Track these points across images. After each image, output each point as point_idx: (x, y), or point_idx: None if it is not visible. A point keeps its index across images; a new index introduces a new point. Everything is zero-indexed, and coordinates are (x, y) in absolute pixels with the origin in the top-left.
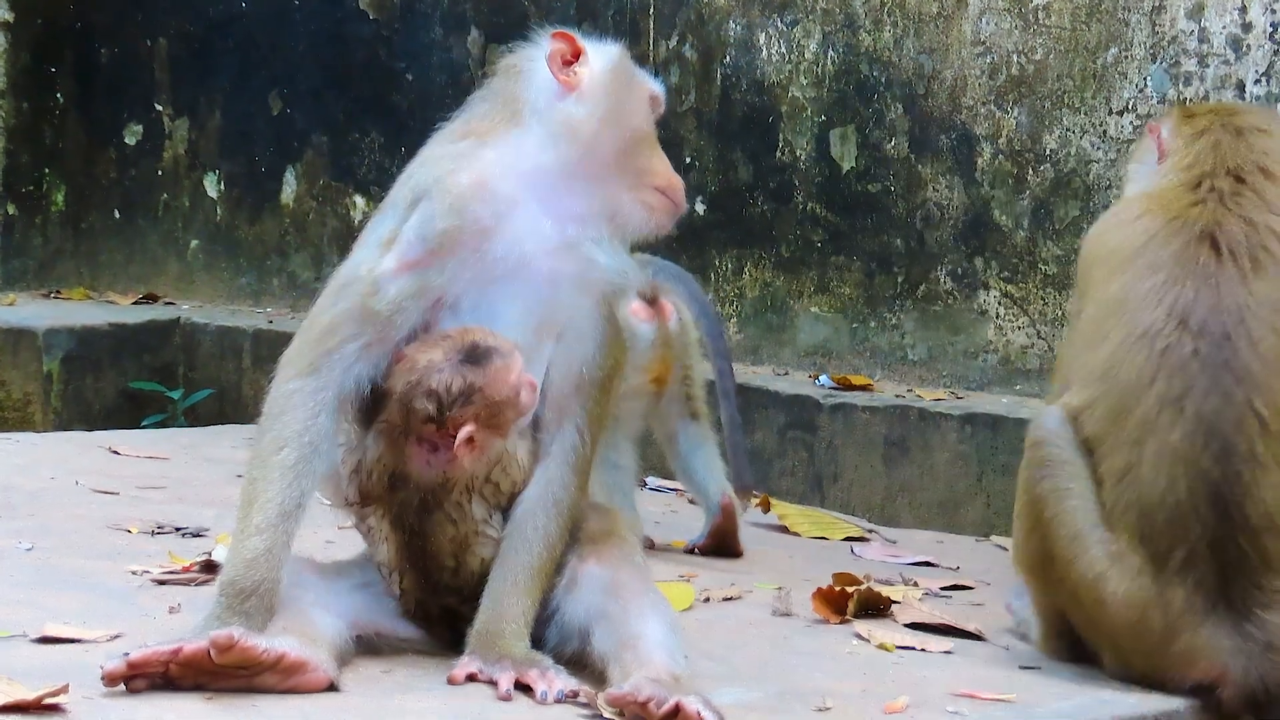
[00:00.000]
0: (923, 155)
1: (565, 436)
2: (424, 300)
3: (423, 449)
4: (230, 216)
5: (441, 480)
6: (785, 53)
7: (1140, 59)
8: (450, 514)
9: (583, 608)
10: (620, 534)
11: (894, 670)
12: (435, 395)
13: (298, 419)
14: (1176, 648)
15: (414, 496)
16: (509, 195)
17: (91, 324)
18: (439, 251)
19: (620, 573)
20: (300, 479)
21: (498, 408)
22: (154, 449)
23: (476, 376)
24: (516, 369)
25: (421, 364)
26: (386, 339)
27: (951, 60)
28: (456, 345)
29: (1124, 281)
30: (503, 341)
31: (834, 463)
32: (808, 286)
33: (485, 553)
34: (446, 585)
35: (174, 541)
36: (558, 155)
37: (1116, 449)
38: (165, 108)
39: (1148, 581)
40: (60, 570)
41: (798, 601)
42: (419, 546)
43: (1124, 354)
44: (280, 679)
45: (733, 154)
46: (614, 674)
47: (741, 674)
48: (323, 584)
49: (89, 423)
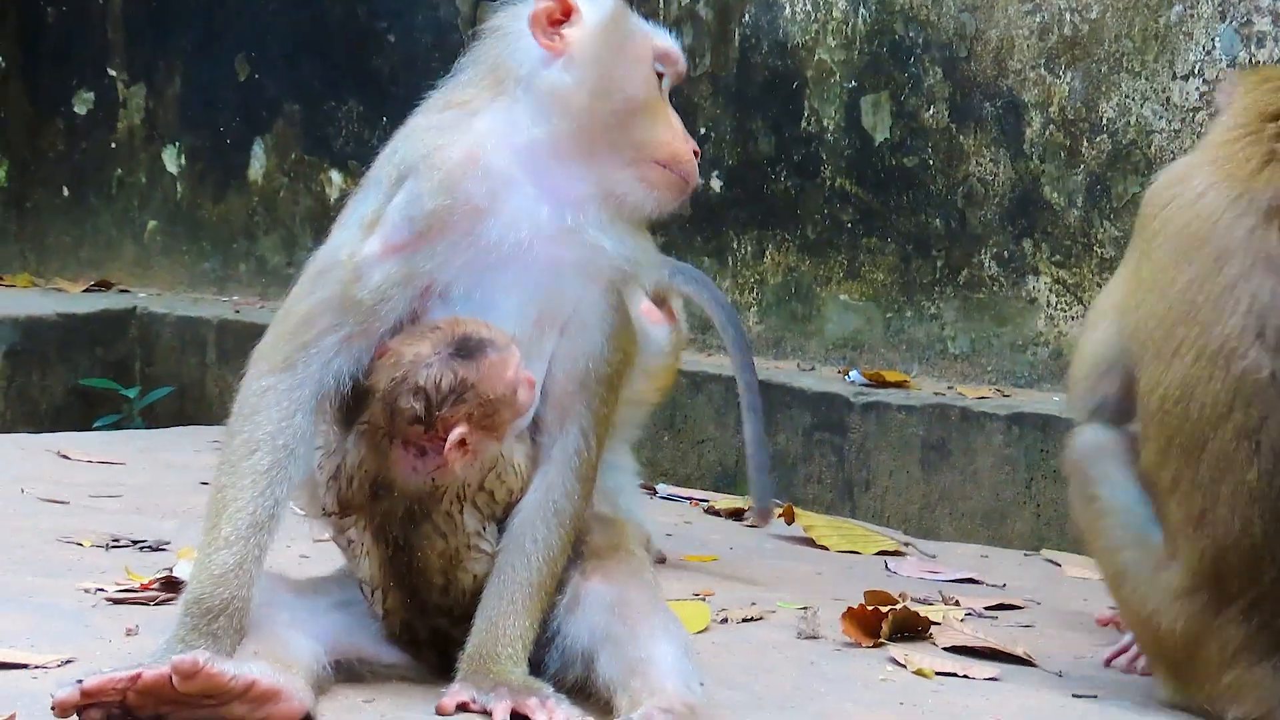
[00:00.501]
0: (964, 125)
1: (568, 439)
2: (411, 288)
3: (409, 453)
4: (192, 194)
5: (430, 488)
6: (811, 11)
7: (1208, 17)
8: (439, 525)
9: (586, 629)
10: (627, 547)
11: (933, 699)
12: (423, 393)
13: (271, 420)
14: (1227, 680)
15: (399, 506)
16: (503, 172)
17: (38, 314)
18: (428, 234)
19: (627, 590)
20: (274, 486)
21: (492, 407)
22: (108, 453)
23: (469, 372)
24: (513, 364)
25: (408, 358)
26: (370, 330)
27: (997, 19)
28: (446, 338)
29: (1191, 275)
30: (498, 334)
31: (866, 468)
32: (836, 272)
33: (478, 569)
34: (435, 605)
35: (131, 556)
36: (549, 129)
37: (1191, 493)
38: (119, 73)
39: (1209, 616)
40: (4, 588)
41: (825, 622)
42: (404, 562)
43: (1197, 377)
44: (250, 709)
45: (752, 124)
46: (621, 703)
47: (764, 703)
48: (299, 603)
49: (35, 424)
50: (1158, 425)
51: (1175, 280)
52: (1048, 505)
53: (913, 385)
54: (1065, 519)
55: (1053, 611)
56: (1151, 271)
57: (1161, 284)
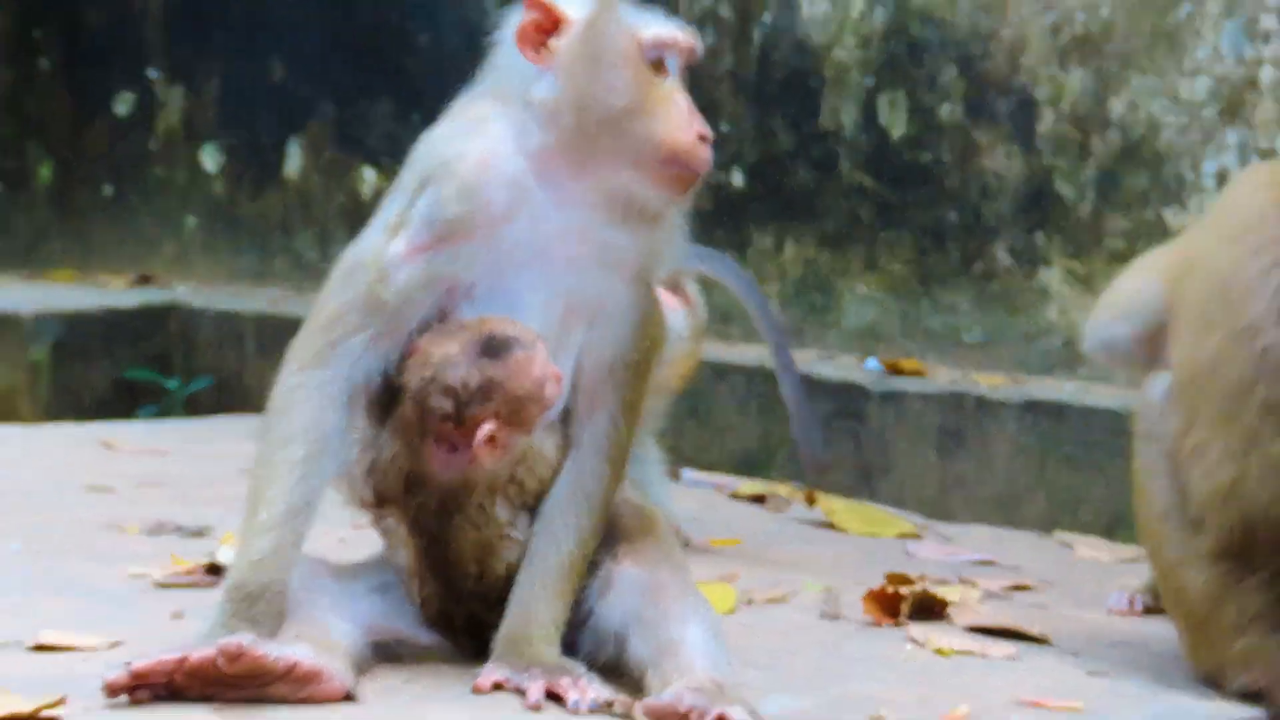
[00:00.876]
0: (979, 121)
1: (598, 426)
2: (435, 289)
3: (441, 448)
4: (230, 192)
5: (461, 481)
6: (829, 11)
7: (1215, 16)
8: (472, 517)
9: (618, 611)
10: (659, 532)
11: (952, 677)
12: (452, 392)
13: (304, 413)
14: (1240, 645)
15: (432, 499)
16: (517, 178)
17: (81, 308)
18: (449, 238)
19: (659, 573)
20: (309, 476)
21: (520, 403)
22: (151, 442)
23: (496, 370)
24: (540, 360)
25: (436, 358)
26: (396, 330)
27: (1010, 18)
28: (474, 337)
29: (1232, 259)
30: (524, 331)
31: (884, 454)
32: (854, 264)
33: (510, 557)
34: (470, 592)
35: (175, 542)
36: (547, 140)
37: (1223, 462)
38: (159, 74)
39: (1232, 582)
40: (54, 574)
41: (847, 603)
42: (439, 552)
43: (1225, 352)
44: (293, 689)
45: (772, 121)
46: (652, 682)
47: (789, 682)
48: (338, 587)
49: (80, 414)
50: (1188, 396)
51: (1218, 261)
52: (1060, 489)
53: (929, 374)
54: (1077, 503)
55: (1066, 592)
56: (1200, 250)
57: (1206, 263)
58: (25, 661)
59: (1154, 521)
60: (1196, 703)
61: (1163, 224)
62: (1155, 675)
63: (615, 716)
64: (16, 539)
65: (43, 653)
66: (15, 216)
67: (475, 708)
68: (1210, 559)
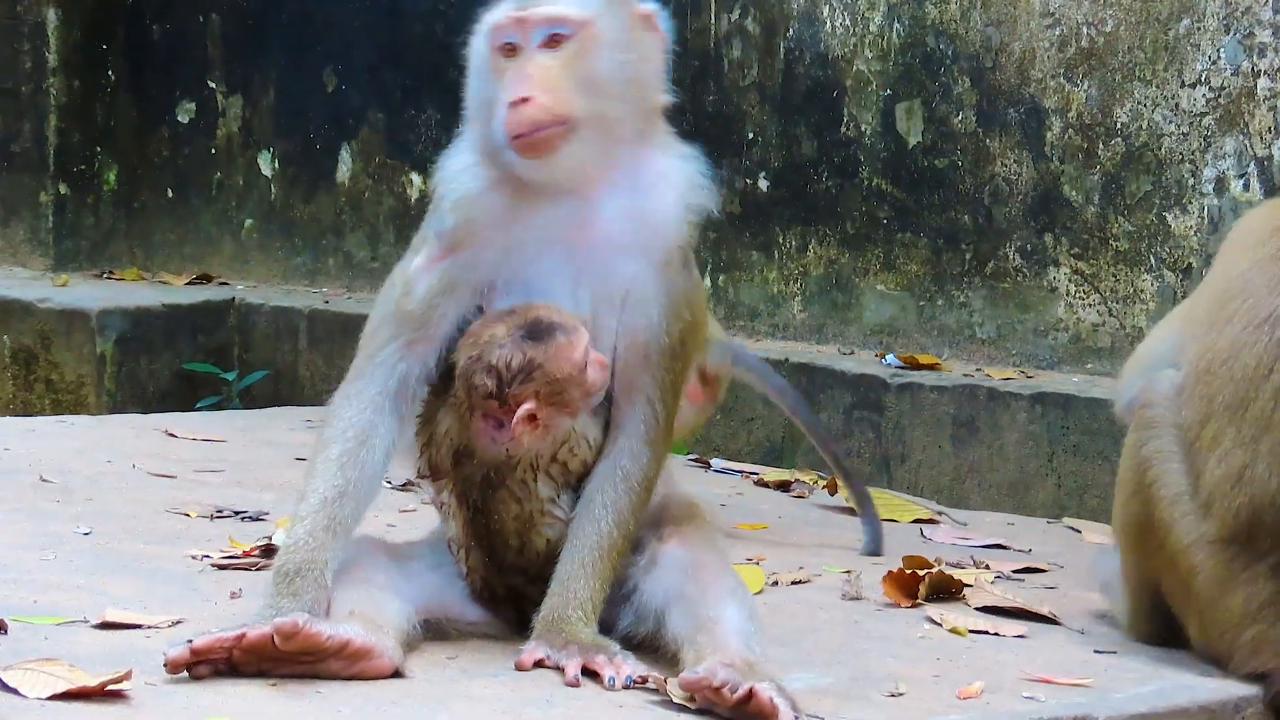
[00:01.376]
0: (990, 129)
1: (636, 409)
2: (456, 295)
3: (488, 425)
4: (285, 195)
5: (505, 457)
6: (850, 25)
7: (1213, 30)
8: (514, 491)
9: (661, 589)
10: (702, 518)
11: (967, 655)
12: (495, 371)
13: (344, 418)
14: (1248, 635)
15: (478, 472)
16: (496, 184)
17: (145, 305)
18: (458, 246)
19: (701, 555)
20: (344, 469)
21: (560, 385)
22: (210, 431)
23: (537, 353)
24: (581, 345)
25: (484, 339)
26: (427, 336)
27: (1020, 32)
28: (519, 321)
29: (1252, 262)
30: (568, 317)
31: (901, 443)
32: (873, 264)
33: (551, 533)
34: (511, 564)
35: (233, 525)
36: (491, 146)
37: (1232, 450)
38: (218, 85)
39: (1239, 568)
40: (119, 555)
41: (867, 585)
42: (483, 523)
43: (1244, 341)
44: (345, 665)
45: (796, 129)
46: (688, 657)
47: (812, 659)
48: (394, 566)
49: (143, 405)
50: (1204, 385)
51: (1237, 266)
52: (1068, 477)
53: (944, 367)
54: (1084, 489)
55: (1074, 575)
56: (1216, 271)
57: (1224, 272)
58: (91, 638)
59: (1163, 506)
60: (1199, 680)
61: (1165, 226)
62: (1159, 654)
63: (649, 691)
64: (84, 522)
65: (108, 630)
66: (84, 218)
67: (516, 684)
68: (1219, 544)
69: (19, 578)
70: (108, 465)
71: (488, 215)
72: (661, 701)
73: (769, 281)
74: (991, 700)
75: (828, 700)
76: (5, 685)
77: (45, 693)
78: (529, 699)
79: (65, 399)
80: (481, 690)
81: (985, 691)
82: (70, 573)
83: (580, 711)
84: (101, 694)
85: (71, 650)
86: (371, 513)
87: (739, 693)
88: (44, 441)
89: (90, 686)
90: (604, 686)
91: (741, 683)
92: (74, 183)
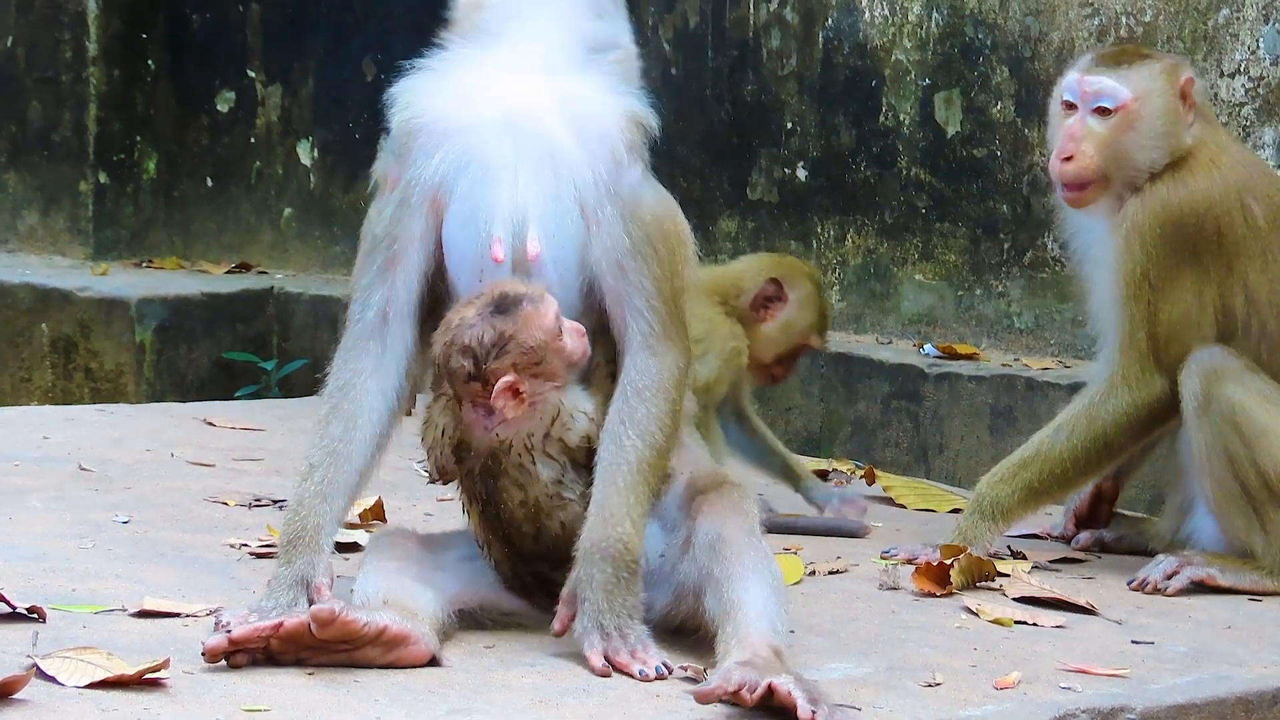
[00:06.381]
0: (1029, 119)
1: (631, 320)
2: (413, 206)
3: (478, 412)
4: (324, 184)
5: (498, 442)
6: (888, 15)
7: (1252, 20)
8: (515, 478)
9: (695, 568)
10: (730, 481)
11: (1004, 645)
12: (469, 350)
13: (334, 372)
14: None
15: (478, 464)
16: (460, 78)
17: (184, 294)
18: (405, 153)
19: (726, 527)
20: (330, 425)
21: (535, 354)
22: (249, 420)
23: (506, 325)
24: (550, 312)
25: (455, 323)
26: (397, 257)
27: (1059, 22)
28: (487, 300)
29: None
30: (533, 289)
31: (939, 433)
32: (911, 253)
33: (564, 516)
34: (531, 552)
35: (271, 514)
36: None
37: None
38: (258, 74)
39: None
40: (158, 544)
41: (905, 575)
42: (494, 515)
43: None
44: (382, 652)
45: (835, 119)
46: (718, 645)
47: (850, 648)
48: (428, 558)
49: (182, 394)
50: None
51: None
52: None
53: (982, 357)
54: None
55: (1111, 565)
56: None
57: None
58: (129, 627)
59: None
60: (1235, 670)
61: None
62: (1196, 644)
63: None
64: (123, 511)
65: (146, 618)
66: (123, 207)
67: (554, 673)
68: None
69: (58, 566)
70: (146, 454)
71: (434, 111)
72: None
73: None
74: (1028, 690)
75: (865, 690)
76: (44, 673)
77: (83, 681)
78: (566, 689)
79: (104, 388)
80: (518, 680)
81: (1022, 682)
82: (109, 561)
83: (617, 701)
84: (139, 683)
85: (110, 639)
86: (409, 501)
87: (758, 692)
88: (83, 430)
89: (128, 675)
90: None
91: (759, 681)
92: (114, 172)
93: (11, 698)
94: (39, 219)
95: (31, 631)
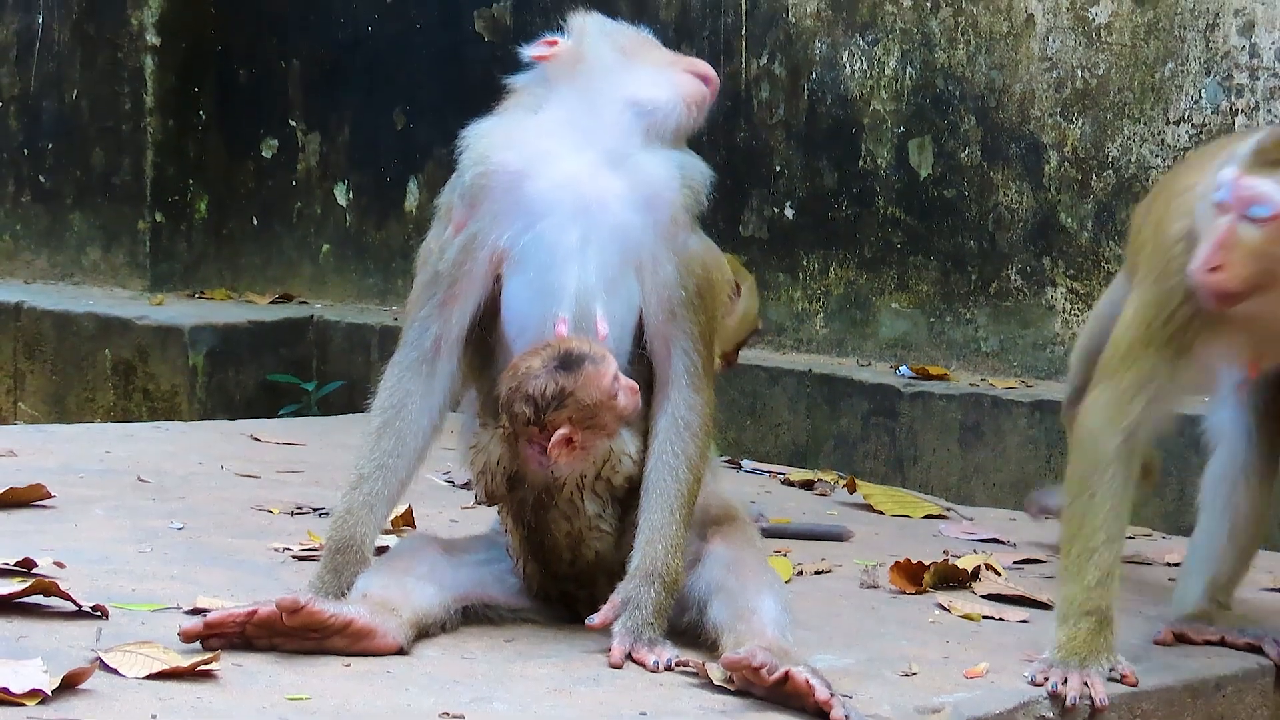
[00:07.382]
0: (994, 163)
1: (675, 361)
2: (475, 254)
3: (534, 450)
4: (359, 223)
5: (552, 479)
6: (867, 69)
7: (1195, 73)
8: (564, 510)
9: (704, 582)
10: (741, 518)
11: (973, 638)
12: (532, 400)
13: (385, 387)
14: None
15: (530, 495)
16: (532, 139)
17: (233, 322)
18: (475, 203)
19: (741, 552)
20: (381, 439)
21: (591, 410)
22: (291, 436)
23: (568, 381)
24: (609, 373)
25: (521, 371)
26: (455, 295)
27: (1020, 75)
28: (553, 353)
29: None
30: (596, 348)
31: (914, 446)
32: (888, 284)
33: (599, 545)
34: (564, 574)
35: (312, 521)
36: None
37: None
38: (299, 124)
39: None
40: (209, 548)
41: (883, 575)
42: (538, 540)
43: None
44: (349, 643)
45: (819, 162)
46: (727, 642)
47: (834, 641)
48: (443, 559)
49: (231, 412)
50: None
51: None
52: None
53: (952, 378)
54: None
55: None
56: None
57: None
58: (184, 623)
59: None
60: (1182, 660)
61: None
62: (1149, 635)
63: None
64: (178, 518)
65: (198, 615)
66: (177, 244)
67: (568, 664)
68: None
69: (119, 568)
70: (199, 466)
71: (508, 168)
72: (701, 684)
73: (794, 300)
74: (996, 679)
75: (847, 679)
76: (106, 665)
77: (142, 672)
78: (579, 678)
79: (161, 407)
80: (535, 670)
81: (990, 671)
82: (165, 564)
83: (625, 689)
84: (192, 673)
85: (166, 634)
86: (435, 509)
87: (776, 674)
88: (141, 445)
89: (183, 667)
90: (648, 669)
91: (779, 665)
92: (168, 212)
93: (78, 688)
94: (101, 255)
95: (95, 628)
